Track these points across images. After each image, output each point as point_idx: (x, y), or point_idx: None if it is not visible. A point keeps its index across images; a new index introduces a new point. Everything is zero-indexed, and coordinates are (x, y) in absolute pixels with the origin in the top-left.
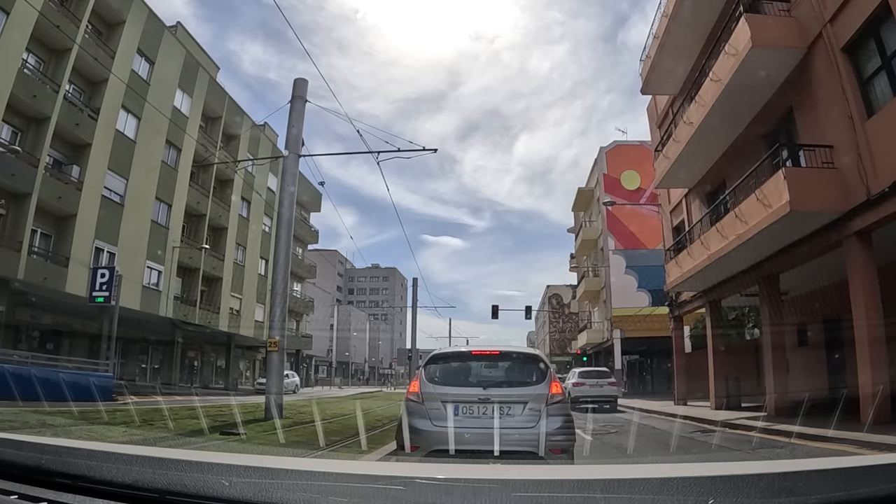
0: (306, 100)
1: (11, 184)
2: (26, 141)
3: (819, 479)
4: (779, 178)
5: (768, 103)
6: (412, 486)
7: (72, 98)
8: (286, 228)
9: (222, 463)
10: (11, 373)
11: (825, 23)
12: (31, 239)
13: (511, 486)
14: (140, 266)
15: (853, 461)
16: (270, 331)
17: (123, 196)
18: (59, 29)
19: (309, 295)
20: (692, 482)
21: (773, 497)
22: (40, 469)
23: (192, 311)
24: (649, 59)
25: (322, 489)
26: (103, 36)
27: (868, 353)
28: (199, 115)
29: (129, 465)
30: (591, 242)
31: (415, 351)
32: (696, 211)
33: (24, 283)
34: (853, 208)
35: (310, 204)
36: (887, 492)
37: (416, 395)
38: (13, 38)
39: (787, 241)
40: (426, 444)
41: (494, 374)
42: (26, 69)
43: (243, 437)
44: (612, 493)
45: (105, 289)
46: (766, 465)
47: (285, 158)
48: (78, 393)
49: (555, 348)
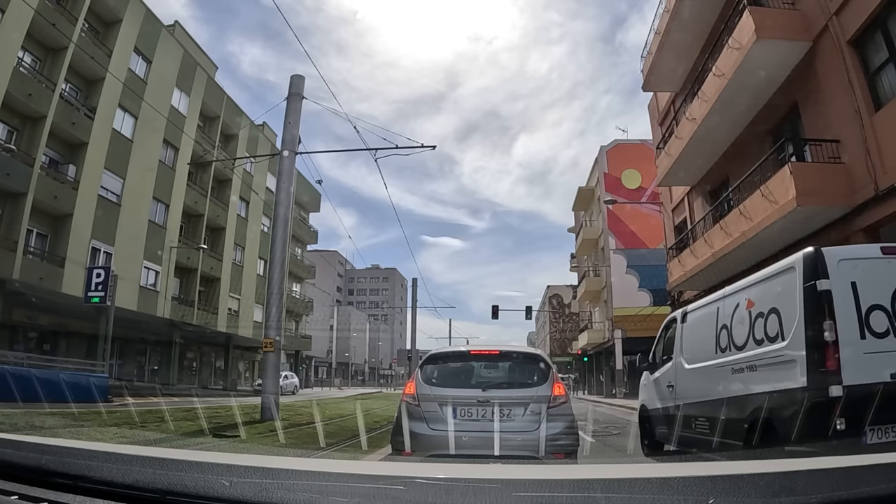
0: (303, 97)
1: (7, 183)
2: (22, 140)
3: (819, 479)
4: (785, 174)
5: (773, 98)
6: (412, 485)
7: (68, 97)
8: (283, 227)
9: (222, 463)
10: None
11: (831, 15)
12: (26, 239)
13: (511, 486)
14: (137, 266)
15: (853, 460)
16: (267, 331)
17: (120, 196)
18: (55, 27)
19: (308, 295)
20: (692, 482)
21: (773, 496)
22: (40, 469)
23: (190, 311)
24: (650, 55)
25: (322, 489)
26: (100, 34)
27: None
28: (196, 114)
29: (129, 465)
30: (591, 242)
31: (414, 351)
32: (698, 209)
33: (20, 284)
34: (861, 204)
35: (309, 204)
36: (887, 491)
37: (413, 397)
38: (9, 37)
39: (793, 238)
40: (423, 448)
41: (494, 375)
42: (22, 67)
43: (238, 440)
44: (613, 492)
45: (101, 289)
46: (766, 464)
47: (282, 156)
48: (73, 394)
49: (555, 349)
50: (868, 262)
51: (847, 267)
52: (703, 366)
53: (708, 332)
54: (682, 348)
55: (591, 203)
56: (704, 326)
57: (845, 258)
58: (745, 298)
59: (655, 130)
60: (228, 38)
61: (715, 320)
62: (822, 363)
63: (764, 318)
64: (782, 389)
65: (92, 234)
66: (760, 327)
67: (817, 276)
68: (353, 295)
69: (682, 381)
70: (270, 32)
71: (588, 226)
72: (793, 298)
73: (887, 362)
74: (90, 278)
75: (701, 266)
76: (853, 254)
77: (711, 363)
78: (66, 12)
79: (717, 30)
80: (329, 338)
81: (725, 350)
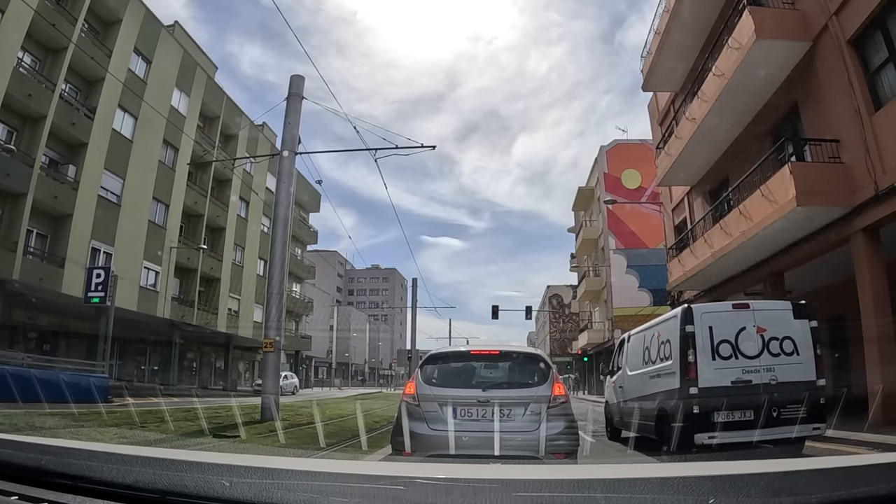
0: (303, 97)
1: (7, 183)
2: (22, 140)
3: (819, 479)
4: (785, 173)
5: (772, 98)
6: (413, 485)
7: (68, 97)
8: (283, 227)
9: (223, 463)
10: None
11: (831, 15)
12: (26, 239)
13: (512, 486)
14: (137, 267)
15: (853, 460)
16: (267, 331)
17: (120, 196)
18: (54, 27)
19: (308, 296)
20: (692, 482)
21: (773, 496)
22: (40, 470)
23: (190, 311)
24: (650, 55)
25: (322, 489)
26: (100, 35)
27: (877, 351)
28: (196, 114)
29: (129, 465)
30: (591, 242)
31: (414, 351)
32: (698, 209)
33: (20, 284)
34: (861, 204)
35: (309, 204)
36: (887, 491)
37: (413, 397)
38: (9, 37)
39: (792, 238)
40: (423, 448)
41: (494, 375)
42: (22, 68)
43: (238, 440)
44: (613, 492)
45: (100, 289)
46: (766, 464)
47: (282, 156)
48: (73, 394)
49: (555, 349)
50: (722, 313)
51: (707, 317)
52: (637, 373)
53: (640, 350)
54: (627, 360)
55: (591, 203)
56: (639, 346)
57: (706, 311)
58: (657, 331)
59: (655, 130)
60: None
61: (643, 343)
62: (687, 374)
63: (663, 345)
64: (669, 389)
65: (92, 235)
66: (662, 351)
67: (686, 322)
68: (353, 295)
69: (627, 384)
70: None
71: (588, 226)
72: (675, 335)
73: (728, 374)
74: (90, 278)
75: (701, 266)
76: (712, 308)
77: (640, 371)
78: (65, 12)
79: (716, 30)
80: (329, 338)
81: (647, 363)
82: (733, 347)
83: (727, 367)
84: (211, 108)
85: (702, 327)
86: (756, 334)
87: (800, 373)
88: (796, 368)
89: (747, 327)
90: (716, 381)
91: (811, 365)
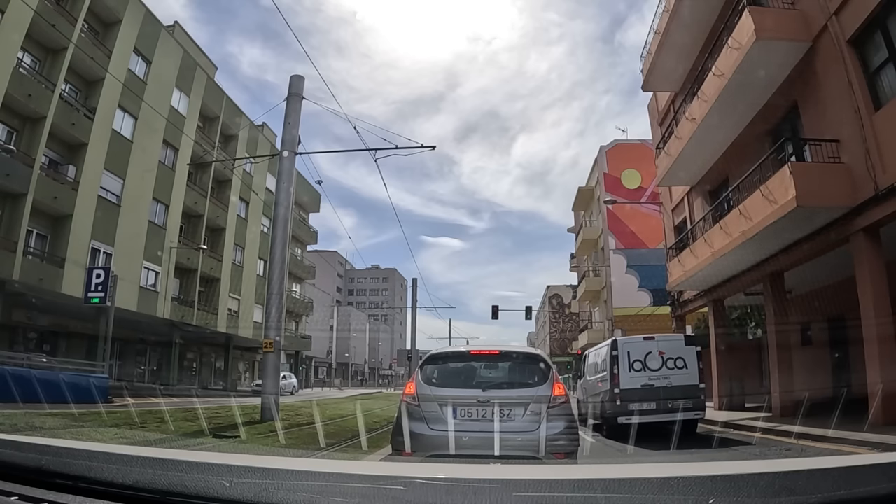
0: (303, 97)
1: (7, 183)
2: (22, 140)
3: (819, 479)
4: (784, 173)
5: (772, 98)
6: (413, 486)
7: (68, 97)
8: (283, 227)
9: (223, 463)
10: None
11: (830, 15)
12: (26, 239)
13: (512, 486)
14: (137, 267)
15: (853, 460)
16: (267, 331)
17: (120, 196)
18: (54, 28)
19: (308, 296)
20: (692, 482)
21: (773, 496)
22: (41, 470)
23: (190, 312)
24: (650, 55)
25: (322, 489)
26: (100, 35)
27: (877, 351)
28: (196, 114)
29: (129, 465)
30: (591, 242)
31: (414, 352)
32: (698, 209)
33: (20, 284)
34: (860, 204)
35: (309, 205)
36: (887, 491)
37: (413, 398)
38: (9, 37)
39: (792, 238)
40: (423, 449)
41: (494, 375)
42: (22, 68)
43: (238, 440)
44: (613, 492)
45: (100, 289)
46: (766, 464)
47: (282, 156)
48: (73, 395)
49: (555, 349)
50: (637, 342)
51: (626, 345)
52: (590, 379)
53: (593, 364)
54: (585, 369)
55: (591, 203)
56: (591, 360)
57: (626, 342)
58: (599, 353)
59: (655, 130)
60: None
61: (594, 359)
62: (614, 381)
63: (602, 361)
64: (605, 390)
65: (92, 235)
66: (601, 366)
67: (613, 349)
68: (353, 295)
69: (586, 386)
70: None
71: (588, 226)
72: (607, 356)
73: (640, 380)
74: (90, 279)
75: (701, 266)
76: (631, 339)
77: (591, 378)
78: (65, 13)
79: (716, 30)
80: (329, 338)
81: (595, 373)
82: (643, 364)
83: (639, 376)
84: (211, 108)
85: (623, 352)
86: (658, 355)
87: (687, 379)
88: (684, 376)
89: (653, 351)
90: (632, 385)
91: (695, 374)
